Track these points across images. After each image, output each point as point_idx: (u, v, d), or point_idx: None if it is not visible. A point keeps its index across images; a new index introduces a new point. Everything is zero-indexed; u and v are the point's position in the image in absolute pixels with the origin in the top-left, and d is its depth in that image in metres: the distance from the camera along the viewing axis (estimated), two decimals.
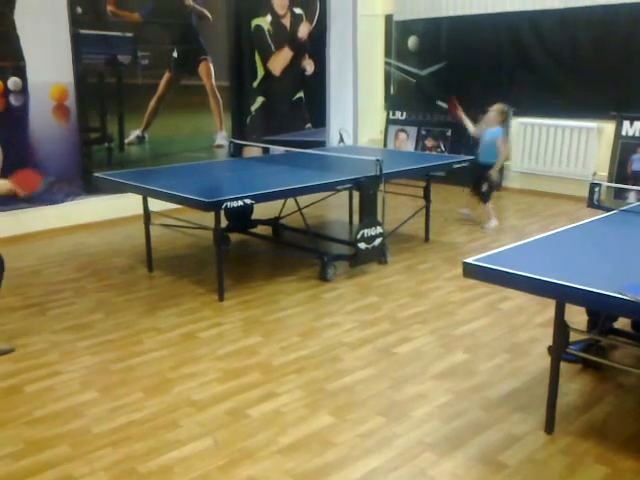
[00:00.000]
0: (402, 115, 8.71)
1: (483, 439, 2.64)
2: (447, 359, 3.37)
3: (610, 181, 6.61)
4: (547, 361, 2.76)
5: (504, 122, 5.90)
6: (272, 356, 3.42)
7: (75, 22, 5.90)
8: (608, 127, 6.89)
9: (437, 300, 4.21)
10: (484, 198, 6.01)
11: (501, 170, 5.98)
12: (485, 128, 5.98)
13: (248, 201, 4.02)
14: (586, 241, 3.00)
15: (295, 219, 5.34)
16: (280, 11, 7.49)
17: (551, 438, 2.64)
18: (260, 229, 5.63)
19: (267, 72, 7.51)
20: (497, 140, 5.84)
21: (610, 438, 2.64)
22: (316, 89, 8.04)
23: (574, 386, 3.06)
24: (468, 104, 6.17)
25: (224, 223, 4.96)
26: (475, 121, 6.12)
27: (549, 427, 2.67)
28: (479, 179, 5.95)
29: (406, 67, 8.69)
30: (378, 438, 2.66)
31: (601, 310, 3.05)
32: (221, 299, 4.21)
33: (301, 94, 7.89)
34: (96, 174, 4.99)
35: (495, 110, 5.87)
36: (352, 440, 2.65)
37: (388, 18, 8.76)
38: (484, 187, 5.94)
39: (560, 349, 2.65)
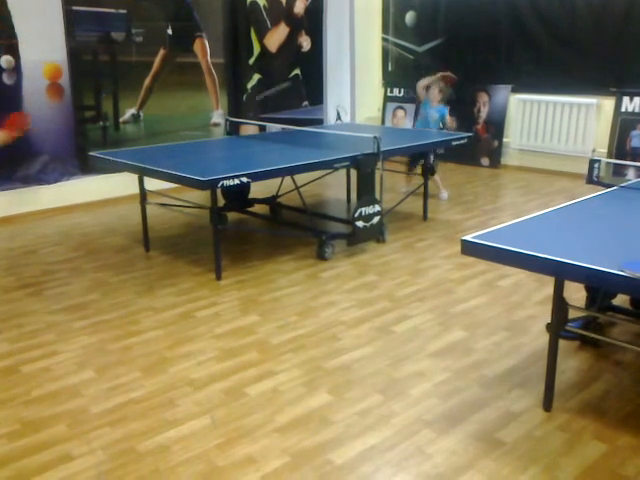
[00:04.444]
0: (400, 92, 8.63)
1: (481, 416, 2.64)
2: (445, 337, 3.37)
3: (609, 157, 6.58)
4: (545, 338, 2.75)
5: (444, 98, 6.18)
6: (269, 335, 3.41)
7: None
8: (607, 103, 6.83)
9: (435, 278, 4.20)
10: (433, 170, 6.03)
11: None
12: (426, 102, 6.19)
13: (245, 179, 3.99)
14: (585, 218, 2.98)
15: (292, 198, 5.31)
16: None
17: (549, 415, 2.64)
18: (257, 208, 5.59)
19: (263, 49, 7.42)
20: (446, 117, 6.07)
21: (608, 415, 2.64)
22: (313, 66, 7.95)
23: (572, 363, 3.06)
24: (466, 80, 6.11)
25: (221, 202, 4.93)
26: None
27: (547, 404, 2.67)
28: (420, 154, 5.95)
29: (404, 43, 8.59)
30: (376, 416, 2.66)
31: (600, 287, 3.04)
32: (218, 278, 4.19)
33: (298, 71, 7.80)
34: (91, 153, 4.94)
35: (438, 88, 6.06)
36: (350, 418, 2.65)
37: None
38: (431, 158, 5.93)
39: (559, 326, 2.64)
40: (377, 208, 4.69)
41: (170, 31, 6.60)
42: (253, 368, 3.06)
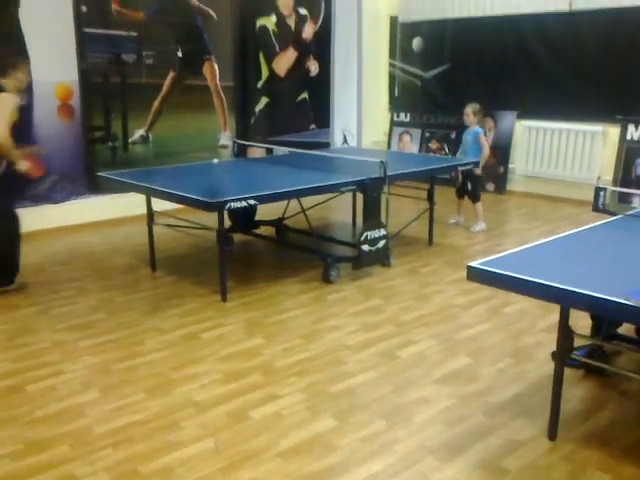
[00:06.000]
0: (406, 117, 8.70)
1: (485, 444, 2.63)
2: (450, 363, 3.36)
3: (615, 185, 6.59)
4: (550, 366, 2.75)
5: (480, 120, 6.09)
6: (274, 358, 3.41)
7: (80, 21, 5.91)
8: (613, 131, 6.87)
9: (440, 303, 4.20)
10: (474, 197, 6.01)
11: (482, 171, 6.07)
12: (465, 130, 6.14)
13: (252, 202, 4.02)
14: (591, 246, 2.99)
15: (298, 220, 5.33)
16: (285, 11, 7.49)
17: (554, 444, 2.63)
18: (263, 230, 5.62)
19: (271, 72, 7.50)
20: (480, 137, 5.94)
21: (613, 445, 2.63)
22: (320, 90, 8.03)
23: (577, 392, 3.05)
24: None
25: (227, 224, 4.96)
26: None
27: (552, 433, 2.66)
28: (464, 180, 6.00)
29: (410, 69, 8.68)
30: (380, 442, 2.65)
31: (605, 316, 3.03)
32: (224, 300, 4.20)
33: (305, 95, 7.88)
34: (100, 173, 5.00)
35: (472, 111, 5.96)
36: (354, 444, 2.64)
37: (393, 19, 8.75)
38: (469, 185, 5.96)
39: (564, 355, 2.64)
40: (383, 232, 4.70)
41: (180, 54, 6.69)
42: (257, 391, 3.06)
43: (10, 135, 4.00)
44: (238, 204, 3.94)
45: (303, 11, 7.66)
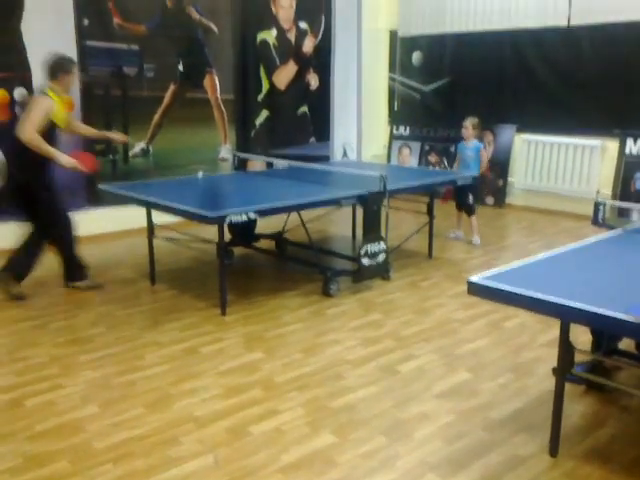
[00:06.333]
0: (406, 130, 8.73)
1: (486, 461, 2.62)
2: (450, 378, 3.35)
3: (613, 199, 6.61)
4: (551, 381, 2.74)
5: (479, 134, 6.17)
6: (274, 373, 3.40)
7: (82, 34, 5.94)
8: (612, 145, 6.89)
9: (440, 318, 4.19)
10: (471, 210, 6.03)
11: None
12: (461, 144, 6.18)
13: (252, 215, 4.02)
14: (591, 260, 2.99)
15: (298, 233, 5.34)
16: (285, 25, 7.53)
17: (555, 461, 2.62)
18: (263, 243, 5.62)
19: (272, 86, 7.53)
20: (481, 150, 6.04)
21: (614, 461, 2.62)
22: (320, 103, 8.06)
23: (578, 408, 3.04)
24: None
25: (227, 237, 4.96)
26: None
27: (553, 449, 2.65)
28: (463, 193, 6.00)
29: (410, 82, 8.72)
30: (380, 458, 2.64)
31: (606, 330, 3.03)
32: (223, 314, 4.19)
33: (305, 108, 7.91)
34: (100, 186, 5.00)
35: (471, 125, 6.01)
36: (354, 460, 2.63)
37: (392, 33, 8.81)
38: (470, 199, 5.98)
39: (565, 370, 2.63)
40: (383, 246, 4.71)
41: (181, 67, 6.72)
42: (257, 406, 3.05)
43: (43, 135, 4.26)
44: (238, 217, 3.95)
45: (303, 25, 7.71)
